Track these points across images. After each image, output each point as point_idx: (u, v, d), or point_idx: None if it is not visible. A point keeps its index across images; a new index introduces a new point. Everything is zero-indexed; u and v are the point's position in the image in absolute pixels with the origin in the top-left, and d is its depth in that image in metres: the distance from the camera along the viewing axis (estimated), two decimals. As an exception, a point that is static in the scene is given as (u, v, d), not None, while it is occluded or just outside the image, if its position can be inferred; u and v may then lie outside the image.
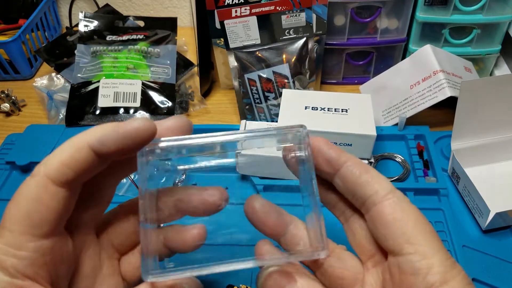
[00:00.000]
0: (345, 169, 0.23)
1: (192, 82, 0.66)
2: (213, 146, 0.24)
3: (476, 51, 0.61)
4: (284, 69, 0.55)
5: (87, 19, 0.67)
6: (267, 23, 0.54)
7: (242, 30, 0.54)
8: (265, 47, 0.55)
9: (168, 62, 0.65)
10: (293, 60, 0.55)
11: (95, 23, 0.67)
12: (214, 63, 0.65)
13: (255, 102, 0.57)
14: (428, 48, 0.55)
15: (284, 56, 0.55)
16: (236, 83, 0.57)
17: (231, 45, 0.55)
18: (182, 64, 0.66)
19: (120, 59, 0.64)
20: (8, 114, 0.65)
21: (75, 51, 0.64)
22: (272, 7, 0.53)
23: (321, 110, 0.47)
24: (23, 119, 0.64)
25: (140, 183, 0.23)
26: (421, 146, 0.53)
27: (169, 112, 0.60)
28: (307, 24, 0.54)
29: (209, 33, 0.59)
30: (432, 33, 0.60)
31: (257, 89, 0.56)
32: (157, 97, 0.61)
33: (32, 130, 0.58)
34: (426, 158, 0.52)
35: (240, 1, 0.52)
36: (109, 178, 0.25)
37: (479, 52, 0.61)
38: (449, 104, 0.54)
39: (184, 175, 0.50)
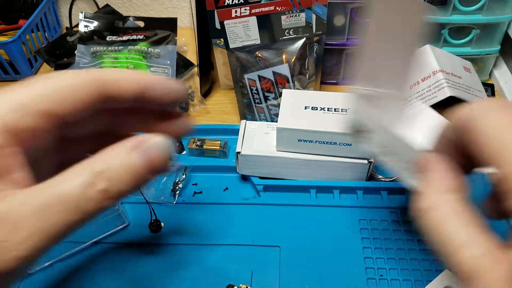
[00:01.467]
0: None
1: (192, 82, 0.66)
2: None
3: (476, 51, 0.61)
4: (284, 69, 0.55)
5: (87, 19, 0.67)
6: (267, 23, 0.54)
7: (242, 30, 0.54)
8: (265, 47, 0.55)
9: (168, 62, 0.65)
10: (293, 60, 0.55)
11: (95, 23, 0.68)
12: (214, 63, 0.65)
13: (255, 102, 0.57)
14: (427, 48, 0.56)
15: (284, 56, 0.55)
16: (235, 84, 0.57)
17: (231, 45, 0.55)
18: (182, 65, 0.66)
19: (120, 59, 0.64)
20: (8, 114, 0.65)
21: (75, 52, 0.65)
22: (272, 7, 0.53)
23: (321, 110, 0.47)
24: (23, 119, 0.64)
25: None
26: (420, 146, 0.53)
27: (169, 112, 0.61)
28: (307, 24, 0.55)
29: (209, 33, 0.59)
30: (431, 33, 0.60)
31: (257, 89, 0.56)
32: (157, 97, 0.61)
33: (32, 130, 0.58)
34: (425, 158, 0.52)
35: (240, 2, 0.52)
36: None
37: (479, 52, 0.61)
38: (449, 104, 0.54)
39: (184, 175, 0.50)
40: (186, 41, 0.75)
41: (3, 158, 0.19)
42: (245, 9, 0.53)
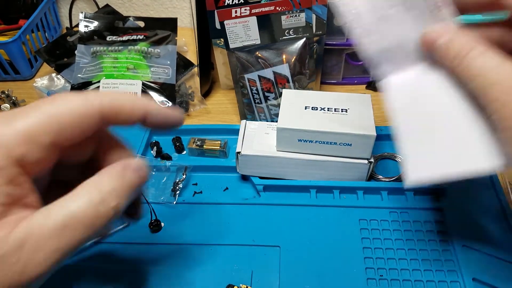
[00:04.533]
0: None
1: (192, 82, 0.66)
2: None
3: (476, 51, 0.61)
4: (284, 69, 0.55)
5: (87, 19, 0.67)
6: (267, 24, 0.54)
7: (242, 30, 0.54)
8: (265, 47, 0.55)
9: (168, 62, 0.65)
10: (293, 60, 0.55)
11: (95, 23, 0.68)
12: (214, 63, 0.65)
13: (255, 102, 0.57)
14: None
15: (284, 56, 0.55)
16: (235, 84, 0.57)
17: (231, 46, 0.55)
18: (182, 65, 0.66)
19: (120, 59, 0.64)
20: (8, 114, 0.65)
21: (75, 52, 0.65)
22: (272, 8, 0.53)
23: (321, 110, 0.47)
24: (23, 119, 0.64)
25: None
26: (421, 146, 0.53)
27: (169, 112, 0.61)
28: (307, 24, 0.55)
29: (209, 33, 0.59)
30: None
31: (257, 89, 0.56)
32: (157, 98, 0.61)
33: (32, 130, 0.58)
34: (426, 158, 0.52)
35: (240, 2, 0.52)
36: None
37: (479, 52, 0.61)
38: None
39: (184, 175, 0.50)
40: (186, 41, 0.75)
41: (16, 188, 0.21)
42: (245, 9, 0.53)
